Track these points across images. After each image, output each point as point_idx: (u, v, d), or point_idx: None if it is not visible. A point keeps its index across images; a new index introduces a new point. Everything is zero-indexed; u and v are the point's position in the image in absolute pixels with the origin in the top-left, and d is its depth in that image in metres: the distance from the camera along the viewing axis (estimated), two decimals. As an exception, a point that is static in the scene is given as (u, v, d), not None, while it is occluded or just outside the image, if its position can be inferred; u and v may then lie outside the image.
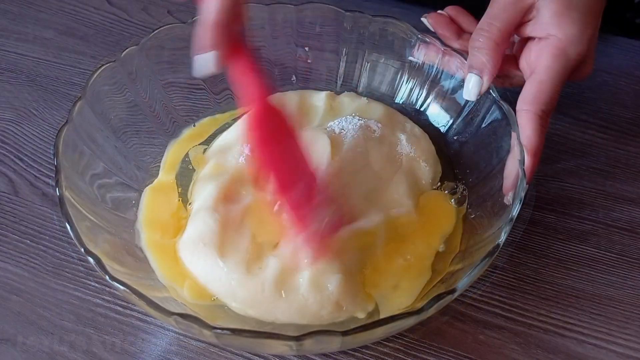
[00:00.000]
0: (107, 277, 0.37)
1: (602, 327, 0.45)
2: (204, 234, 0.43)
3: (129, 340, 0.43)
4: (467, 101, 0.48)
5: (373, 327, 0.35)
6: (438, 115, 0.52)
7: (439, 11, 0.53)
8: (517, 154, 0.42)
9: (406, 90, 0.54)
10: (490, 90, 0.46)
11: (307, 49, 0.55)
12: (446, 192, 0.49)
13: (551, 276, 0.47)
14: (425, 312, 0.36)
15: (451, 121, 0.51)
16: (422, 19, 0.52)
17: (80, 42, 0.63)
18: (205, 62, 0.36)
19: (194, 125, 0.52)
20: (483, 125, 0.48)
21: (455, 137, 0.51)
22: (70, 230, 0.39)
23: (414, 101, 0.53)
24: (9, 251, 0.47)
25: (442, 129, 0.52)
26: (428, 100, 0.53)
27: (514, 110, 0.45)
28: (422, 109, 0.53)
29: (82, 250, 0.38)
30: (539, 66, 0.45)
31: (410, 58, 0.52)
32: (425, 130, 0.51)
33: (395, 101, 0.54)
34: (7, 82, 0.59)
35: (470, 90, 0.46)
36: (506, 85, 0.49)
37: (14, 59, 0.61)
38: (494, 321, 0.45)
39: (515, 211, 0.40)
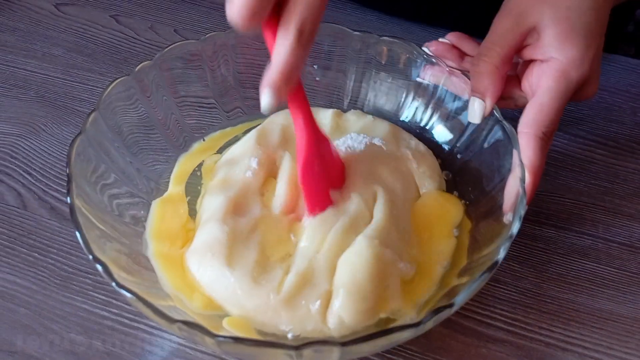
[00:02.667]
0: (114, 284, 0.37)
1: (603, 341, 0.45)
2: (213, 245, 0.43)
3: (135, 353, 0.43)
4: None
5: (372, 339, 0.36)
6: (442, 134, 0.53)
7: (440, 39, 0.53)
8: (518, 173, 0.43)
9: (411, 108, 0.54)
10: (494, 111, 0.47)
11: (315, 66, 0.55)
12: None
13: (552, 290, 0.47)
14: (424, 325, 0.37)
15: (454, 140, 0.52)
16: (424, 48, 0.53)
17: (89, 59, 0.64)
18: (267, 100, 0.38)
19: (204, 140, 0.53)
20: (486, 145, 0.49)
21: (458, 156, 0.51)
22: (79, 237, 0.39)
23: (419, 119, 0.54)
24: (18, 264, 0.48)
25: (446, 147, 0.52)
26: (433, 119, 0.53)
27: (516, 130, 0.45)
28: (426, 127, 0.54)
29: (90, 257, 0.38)
30: (540, 88, 0.46)
31: (418, 79, 0.53)
32: (429, 148, 0.52)
33: (401, 119, 0.55)
34: (16, 97, 0.60)
35: (474, 113, 0.46)
36: (511, 106, 0.50)
37: (23, 75, 0.62)
38: (496, 335, 0.45)
39: (514, 229, 0.40)
